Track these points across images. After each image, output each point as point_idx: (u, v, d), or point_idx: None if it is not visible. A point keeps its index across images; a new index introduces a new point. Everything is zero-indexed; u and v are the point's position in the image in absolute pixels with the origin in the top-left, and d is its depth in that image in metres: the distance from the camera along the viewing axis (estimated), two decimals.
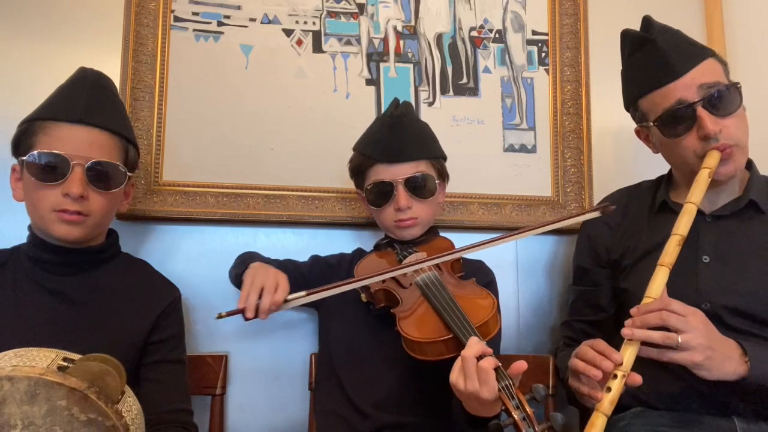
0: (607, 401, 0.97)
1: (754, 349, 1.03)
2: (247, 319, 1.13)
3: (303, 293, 1.13)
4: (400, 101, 1.39)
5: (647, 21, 1.25)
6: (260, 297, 1.13)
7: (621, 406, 1.22)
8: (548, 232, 1.63)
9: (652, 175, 1.40)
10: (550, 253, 1.66)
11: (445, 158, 1.40)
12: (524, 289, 1.64)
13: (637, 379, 1.01)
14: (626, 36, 1.28)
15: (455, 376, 0.98)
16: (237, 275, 1.30)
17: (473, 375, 0.95)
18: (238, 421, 1.48)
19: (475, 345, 0.98)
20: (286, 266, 1.40)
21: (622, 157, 1.70)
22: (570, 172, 1.66)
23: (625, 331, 1.03)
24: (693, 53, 1.19)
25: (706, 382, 1.03)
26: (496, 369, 0.95)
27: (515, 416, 0.91)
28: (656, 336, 1.00)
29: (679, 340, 0.99)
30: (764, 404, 1.09)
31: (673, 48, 1.19)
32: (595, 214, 1.24)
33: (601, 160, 1.69)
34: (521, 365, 0.97)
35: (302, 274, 1.40)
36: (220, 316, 1.11)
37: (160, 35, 1.51)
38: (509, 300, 1.62)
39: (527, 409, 0.92)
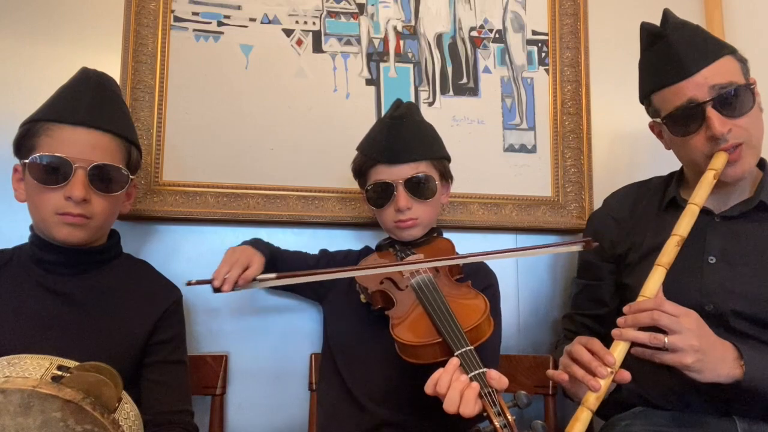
0: (593, 396, 0.97)
1: (750, 352, 1.02)
2: (214, 290, 1.19)
3: (273, 275, 1.16)
4: (403, 102, 1.39)
5: (665, 15, 1.22)
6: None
7: (623, 406, 1.23)
8: (549, 232, 1.65)
9: (654, 174, 1.40)
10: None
11: (448, 159, 1.39)
12: (524, 289, 1.64)
13: (626, 375, 1.00)
14: (643, 29, 1.26)
15: (430, 390, 0.97)
16: None
17: (452, 395, 0.93)
18: (238, 421, 1.48)
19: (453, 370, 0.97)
20: (294, 255, 1.43)
21: (622, 157, 1.70)
22: (570, 172, 1.66)
23: (614, 332, 1.02)
24: (708, 51, 1.16)
25: (707, 382, 1.02)
26: (479, 375, 0.95)
27: (496, 423, 0.90)
28: (643, 336, 1.00)
29: (666, 341, 0.98)
30: (764, 406, 1.08)
31: (688, 45, 1.17)
32: (578, 248, 1.22)
33: (601, 160, 1.69)
34: (503, 384, 0.96)
35: (309, 267, 1.41)
36: (189, 283, 1.17)
37: (160, 35, 1.51)
38: (509, 298, 1.62)
39: (508, 417, 0.91)
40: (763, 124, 1.19)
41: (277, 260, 1.39)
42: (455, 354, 1.00)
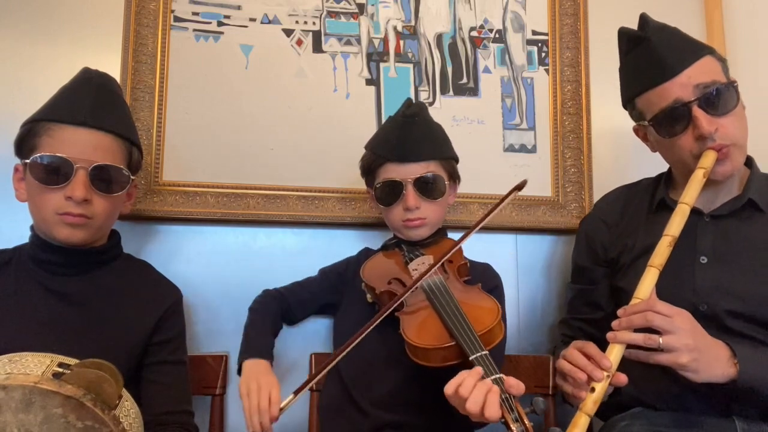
0: (590, 401, 0.97)
1: (744, 351, 1.02)
2: None
3: (291, 397, 1.10)
4: (414, 102, 1.38)
5: (643, 19, 1.24)
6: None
7: (622, 406, 1.23)
8: (549, 232, 1.65)
9: (653, 175, 1.40)
10: (549, 252, 1.67)
11: (456, 160, 1.39)
12: (524, 288, 1.64)
13: (622, 379, 1.00)
14: (622, 34, 1.27)
15: (451, 390, 0.96)
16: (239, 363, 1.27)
17: (476, 397, 0.93)
18: (238, 421, 1.47)
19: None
20: (294, 292, 1.40)
21: (622, 157, 1.70)
22: (570, 172, 1.66)
23: (609, 335, 1.03)
24: (689, 51, 1.17)
25: (705, 383, 1.02)
26: (497, 380, 0.95)
27: (514, 429, 0.90)
28: (638, 338, 1.00)
29: (660, 342, 0.98)
30: (762, 404, 1.08)
31: (669, 46, 1.18)
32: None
33: (601, 160, 1.69)
34: (521, 390, 0.96)
35: (313, 295, 1.41)
36: None
37: (160, 35, 1.51)
38: (509, 300, 1.60)
39: (526, 423, 0.91)
40: (746, 122, 1.20)
41: (284, 314, 1.38)
42: (470, 358, 1.00)
